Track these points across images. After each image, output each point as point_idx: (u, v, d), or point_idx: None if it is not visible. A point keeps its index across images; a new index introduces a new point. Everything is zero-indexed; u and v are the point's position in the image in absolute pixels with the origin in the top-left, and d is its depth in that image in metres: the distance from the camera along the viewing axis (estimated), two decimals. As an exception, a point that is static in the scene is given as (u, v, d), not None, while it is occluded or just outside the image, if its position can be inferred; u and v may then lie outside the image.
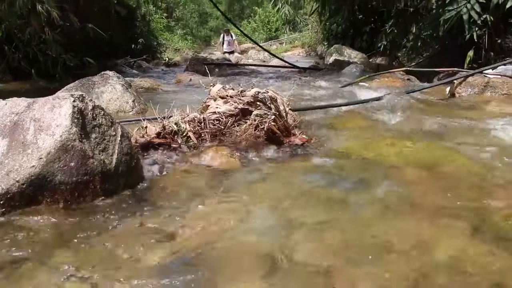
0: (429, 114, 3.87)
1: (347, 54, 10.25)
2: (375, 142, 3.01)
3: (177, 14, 31.02)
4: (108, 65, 9.61)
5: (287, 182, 2.29)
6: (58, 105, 2.05)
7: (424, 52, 9.05)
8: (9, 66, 7.75)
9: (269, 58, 13.85)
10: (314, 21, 18.19)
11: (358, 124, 3.67)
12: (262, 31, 34.76)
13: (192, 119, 2.82)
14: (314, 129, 3.35)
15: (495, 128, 3.31)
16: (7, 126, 2.04)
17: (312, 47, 20.18)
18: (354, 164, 2.58)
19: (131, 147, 2.26)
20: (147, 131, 2.74)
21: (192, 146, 2.73)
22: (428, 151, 2.78)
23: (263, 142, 2.77)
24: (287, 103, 3.11)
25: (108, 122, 2.16)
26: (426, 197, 2.04)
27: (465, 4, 6.22)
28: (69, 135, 1.95)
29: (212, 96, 3.01)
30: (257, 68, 10.27)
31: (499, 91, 4.84)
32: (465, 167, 2.47)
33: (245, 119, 2.83)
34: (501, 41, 6.54)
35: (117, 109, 4.41)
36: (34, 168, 1.89)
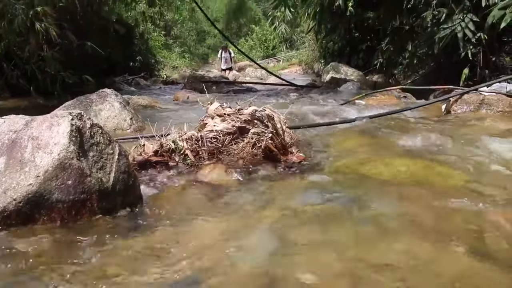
0: (425, 132, 3.89)
1: (343, 72, 10.32)
2: (372, 160, 3.02)
3: (175, 32, 31.23)
4: (106, 82, 9.68)
5: (284, 200, 2.29)
6: (56, 123, 2.05)
7: (420, 69, 9.13)
8: (8, 83, 7.79)
9: (266, 76, 13.93)
10: (311, 39, 18.38)
11: (355, 141, 3.69)
12: (260, 49, 35.07)
13: (190, 137, 2.83)
14: (311, 147, 3.37)
15: (492, 145, 3.33)
16: (5, 144, 2.05)
17: (309, 64, 20.36)
18: (351, 181, 2.59)
19: (129, 165, 2.26)
20: (144, 149, 2.75)
21: (189, 164, 2.73)
22: (425, 168, 2.79)
23: (260, 160, 2.78)
24: (284, 121, 3.13)
25: (106, 140, 2.16)
26: (423, 215, 2.05)
27: (459, 23, 6.31)
28: (67, 153, 1.95)
29: (210, 114, 3.02)
30: (254, 86, 10.33)
31: (494, 108, 4.87)
32: (462, 184, 2.48)
33: (242, 137, 2.84)
34: (496, 59, 6.62)
35: (115, 126, 4.42)
36: (31, 186, 1.89)
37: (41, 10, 5.99)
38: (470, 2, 6.31)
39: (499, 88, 5.23)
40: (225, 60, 16.68)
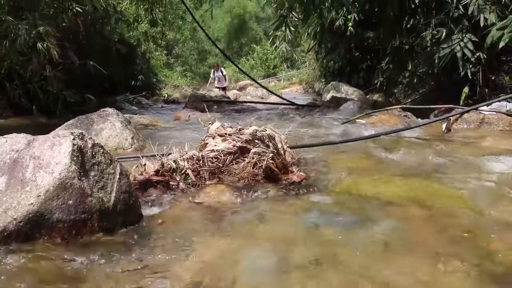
0: (426, 151, 3.89)
1: (344, 91, 10.36)
2: (372, 179, 3.02)
3: (176, 52, 31.52)
4: (108, 101, 9.74)
5: (285, 220, 2.29)
6: (58, 143, 2.06)
7: (420, 88, 9.16)
8: (10, 102, 7.83)
9: (267, 95, 14.01)
10: (311, 58, 18.51)
11: (355, 161, 3.69)
12: (261, 68, 35.33)
13: (191, 157, 2.84)
14: (311, 166, 3.37)
15: (492, 164, 3.33)
16: (6, 164, 2.06)
17: (309, 84, 20.46)
18: (351, 201, 2.58)
19: (130, 185, 2.26)
20: (145, 169, 2.75)
21: (190, 184, 2.73)
22: (426, 188, 2.78)
23: (261, 180, 2.78)
24: (285, 140, 3.14)
25: (107, 160, 2.17)
26: (425, 235, 2.04)
27: (458, 43, 6.35)
28: (68, 173, 1.96)
29: (211, 134, 3.03)
30: (255, 105, 10.37)
31: (494, 127, 4.89)
32: (464, 204, 2.47)
33: (243, 157, 2.85)
34: (495, 78, 6.66)
35: (116, 146, 4.43)
36: (32, 205, 1.89)
37: (43, 30, 6.05)
38: (469, 22, 6.37)
39: (499, 107, 5.26)
40: (218, 79, 16.51)
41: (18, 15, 6.27)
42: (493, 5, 6.02)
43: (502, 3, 6.00)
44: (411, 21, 8.47)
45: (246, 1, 47.76)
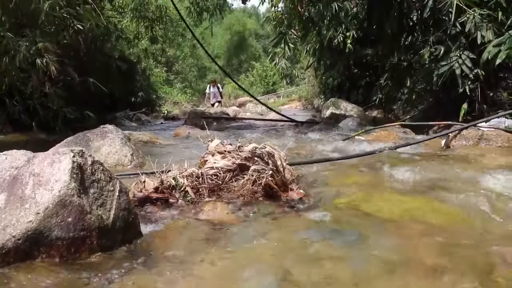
0: (425, 167, 3.89)
1: (343, 108, 10.41)
2: (372, 196, 3.02)
3: (176, 68, 31.73)
4: (108, 118, 9.77)
5: (284, 238, 2.28)
6: (58, 160, 2.07)
7: (419, 105, 9.22)
8: (10, 118, 7.86)
9: (266, 112, 14.04)
10: (310, 75, 18.63)
11: (355, 177, 3.69)
12: (260, 84, 35.49)
13: (190, 174, 2.84)
14: (311, 183, 3.37)
15: (491, 181, 3.33)
16: (6, 181, 2.06)
17: (309, 100, 20.54)
18: (351, 218, 2.58)
19: (129, 202, 2.26)
20: (145, 186, 2.75)
21: (190, 201, 2.73)
22: (425, 205, 2.78)
23: (260, 197, 2.78)
24: (284, 157, 3.14)
25: (106, 177, 2.17)
26: (425, 253, 2.03)
27: (456, 60, 6.41)
28: (68, 190, 1.96)
29: (210, 151, 3.04)
30: (254, 122, 10.39)
31: (493, 144, 4.90)
32: (463, 220, 2.47)
33: (242, 174, 2.85)
34: (493, 94, 6.70)
35: (116, 162, 4.43)
36: (31, 223, 1.88)
37: (42, 46, 6.10)
38: (466, 40, 6.44)
39: (498, 124, 5.28)
40: (214, 94, 16.92)
41: (19, 32, 6.33)
42: (490, 23, 6.10)
43: (499, 21, 6.07)
44: (409, 39, 8.56)
45: (245, 19, 48.29)
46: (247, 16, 51.89)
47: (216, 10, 10.12)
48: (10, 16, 6.36)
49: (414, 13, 7.87)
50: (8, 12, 6.19)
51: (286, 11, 9.05)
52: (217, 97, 16.96)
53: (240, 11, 48.67)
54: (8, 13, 6.23)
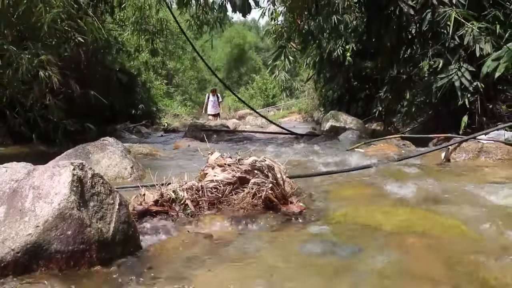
0: (425, 180, 3.89)
1: (343, 120, 10.43)
2: (372, 209, 3.02)
3: (176, 81, 31.85)
4: (108, 130, 9.79)
5: (284, 251, 2.27)
6: (58, 173, 2.07)
7: (419, 117, 9.24)
8: (10, 130, 7.87)
9: (266, 124, 14.06)
10: (310, 88, 18.69)
11: (355, 190, 3.69)
12: (260, 97, 35.60)
13: (190, 187, 2.84)
14: (311, 196, 3.37)
15: (491, 194, 3.33)
16: (5, 193, 2.06)
17: (308, 113, 20.59)
18: (351, 231, 2.57)
19: (129, 215, 2.26)
20: (144, 199, 2.75)
21: (189, 214, 2.72)
22: (425, 218, 2.77)
23: (260, 210, 2.78)
24: (284, 170, 3.14)
25: (106, 190, 2.17)
26: (424, 265, 2.02)
27: (456, 72, 6.45)
28: (67, 203, 1.96)
29: (210, 164, 3.04)
30: (254, 134, 10.40)
31: (493, 156, 4.90)
32: (463, 233, 2.46)
33: (242, 187, 2.85)
34: (493, 107, 6.72)
35: (116, 175, 4.43)
36: (30, 236, 1.88)
37: (45, 58, 6.13)
38: (465, 52, 6.47)
39: (497, 136, 5.29)
40: (213, 104, 16.37)
41: (21, 45, 6.36)
42: (488, 36, 6.14)
43: (497, 34, 6.12)
44: (408, 51, 8.61)
45: (245, 32, 48.60)
46: (247, 29, 52.27)
47: (216, 23, 10.19)
48: (12, 29, 6.41)
49: (413, 26, 7.91)
50: (10, 25, 6.24)
51: (285, 25, 9.11)
52: (216, 107, 16.52)
53: (240, 24, 49.07)
54: (11, 26, 6.27)
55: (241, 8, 8.66)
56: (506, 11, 6.37)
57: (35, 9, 5.56)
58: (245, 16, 9.35)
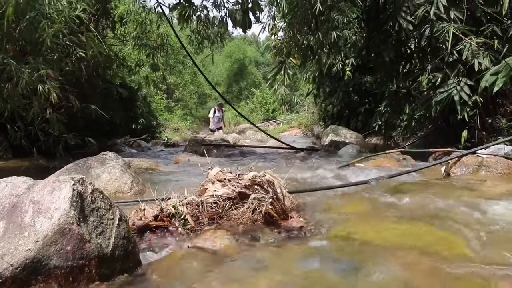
0: (426, 195, 3.88)
1: (343, 135, 10.44)
2: (371, 224, 3.01)
3: (177, 95, 31.94)
4: (108, 144, 9.80)
5: (284, 267, 2.26)
6: (58, 188, 2.07)
7: (419, 131, 9.25)
8: (11, 144, 7.88)
9: (266, 138, 14.05)
10: (310, 102, 18.75)
11: (355, 205, 3.68)
12: (260, 111, 35.68)
13: (190, 202, 2.84)
14: (311, 211, 3.35)
15: (492, 208, 3.32)
16: (5, 208, 2.06)
17: (308, 127, 20.60)
18: (351, 247, 2.56)
19: (129, 231, 2.25)
20: (144, 214, 2.74)
21: (189, 229, 2.72)
22: (425, 233, 2.77)
23: (260, 225, 2.77)
24: (284, 185, 3.14)
25: (106, 205, 2.17)
26: (425, 283, 2.01)
27: (455, 87, 6.47)
28: (67, 218, 1.96)
29: (210, 179, 3.04)
30: (254, 149, 10.40)
31: (493, 171, 4.89)
32: (463, 249, 2.45)
33: (242, 202, 2.85)
34: (492, 121, 6.73)
35: (116, 189, 4.42)
36: (29, 251, 1.87)
37: (45, 73, 6.16)
38: (464, 67, 6.51)
39: (497, 150, 5.29)
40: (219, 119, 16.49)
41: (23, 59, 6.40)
42: (486, 51, 6.18)
43: (495, 49, 6.16)
44: (408, 66, 8.66)
45: (245, 46, 48.87)
46: (247, 44, 52.59)
47: (217, 38, 10.25)
48: (14, 44, 6.45)
49: (412, 41, 7.97)
50: (12, 40, 6.28)
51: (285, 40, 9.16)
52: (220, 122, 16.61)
53: (240, 39, 49.41)
54: (13, 41, 6.32)
55: (241, 24, 8.73)
56: (504, 26, 6.42)
57: (38, 25, 5.60)
58: (245, 31, 9.42)
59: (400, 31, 7.32)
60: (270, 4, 7.99)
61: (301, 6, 7.45)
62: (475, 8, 6.45)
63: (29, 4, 5.46)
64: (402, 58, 8.58)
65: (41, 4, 5.54)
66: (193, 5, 8.94)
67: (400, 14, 7.12)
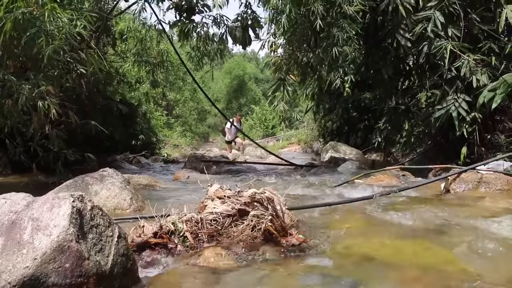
0: (425, 212, 3.87)
1: (342, 151, 10.45)
2: (371, 241, 3.00)
3: (176, 112, 32.02)
4: (108, 160, 9.79)
5: (284, 284, 2.25)
6: (58, 205, 2.07)
7: (418, 147, 9.27)
8: (10, 159, 7.88)
9: (266, 155, 14.05)
10: (309, 118, 18.77)
11: (355, 222, 3.67)
12: (259, 128, 35.77)
13: (189, 219, 2.82)
14: (310, 228, 3.34)
15: (492, 225, 3.31)
16: (4, 225, 2.05)
17: (308, 143, 20.62)
18: (351, 264, 2.55)
19: (128, 248, 2.24)
20: (144, 231, 2.73)
21: (189, 246, 2.70)
22: (425, 250, 2.76)
23: (260, 243, 2.75)
24: (283, 202, 3.13)
25: (105, 222, 2.17)
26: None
27: (453, 103, 6.50)
28: (66, 236, 1.95)
29: (210, 196, 3.03)
30: (254, 165, 10.39)
31: (493, 187, 4.88)
32: (463, 267, 2.44)
33: (242, 219, 2.83)
34: (491, 137, 6.75)
35: (115, 206, 4.41)
36: (27, 269, 1.86)
37: (45, 89, 6.19)
38: (462, 83, 6.55)
39: (496, 166, 5.29)
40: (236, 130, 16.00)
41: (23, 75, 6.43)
42: (484, 67, 6.23)
43: (492, 65, 6.21)
44: (406, 83, 8.71)
45: (245, 63, 49.18)
46: (247, 60, 52.90)
47: (216, 55, 10.33)
48: (15, 60, 6.49)
49: (410, 58, 8.04)
50: (13, 56, 6.32)
51: (285, 57, 9.24)
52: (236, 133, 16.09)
53: (240, 55, 49.66)
54: (13, 57, 6.36)
55: (241, 41, 8.82)
56: (501, 43, 6.48)
57: (38, 41, 5.64)
58: (245, 48, 9.50)
59: (398, 48, 7.39)
60: (270, 21, 8.07)
61: (300, 24, 7.52)
62: (472, 25, 6.53)
63: (30, 21, 5.50)
64: (401, 74, 8.64)
65: (42, 21, 5.58)
66: (194, 22, 9.01)
67: (398, 31, 7.20)
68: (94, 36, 8.96)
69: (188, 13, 8.86)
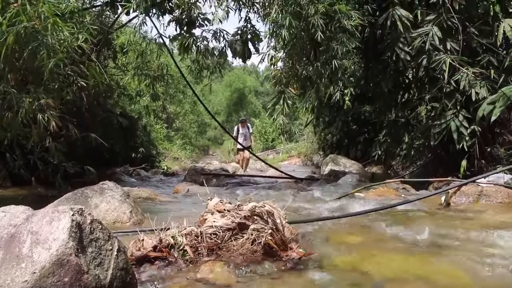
0: (426, 225, 3.85)
1: (342, 164, 10.44)
2: (371, 255, 2.99)
3: (177, 124, 32.03)
4: (107, 173, 9.77)
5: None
6: (57, 218, 2.06)
7: (418, 160, 9.27)
8: (10, 172, 7.88)
9: (266, 168, 14.01)
10: (309, 131, 18.80)
11: (355, 236, 3.66)
12: (259, 141, 35.74)
13: (189, 232, 2.81)
14: (311, 242, 3.33)
15: (492, 239, 3.30)
16: (3, 239, 2.04)
17: (308, 156, 20.61)
18: (351, 278, 2.53)
19: (127, 262, 2.23)
20: (143, 244, 2.72)
21: (188, 260, 2.69)
22: (426, 264, 2.74)
23: (260, 257, 2.74)
24: (283, 216, 3.12)
25: (105, 236, 2.16)
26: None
27: (452, 117, 6.53)
28: (66, 249, 1.94)
29: (210, 209, 3.03)
30: (254, 178, 10.38)
31: (493, 200, 4.88)
32: (464, 281, 2.43)
33: (242, 233, 2.82)
34: (491, 150, 6.76)
35: (114, 219, 4.39)
36: (26, 283, 1.85)
37: (45, 102, 6.21)
38: (461, 96, 6.57)
39: (497, 179, 5.29)
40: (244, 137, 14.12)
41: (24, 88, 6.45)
42: (483, 80, 6.26)
43: (491, 79, 6.24)
44: (406, 96, 8.74)
45: (245, 76, 49.33)
46: (247, 73, 53.07)
47: (216, 68, 10.38)
48: (16, 73, 6.51)
49: (410, 71, 8.07)
50: (14, 70, 6.34)
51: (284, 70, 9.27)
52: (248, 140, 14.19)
53: (240, 69, 49.85)
54: (14, 70, 6.38)
55: (241, 54, 8.86)
56: (499, 56, 6.52)
57: (40, 54, 5.67)
58: (245, 61, 9.55)
59: (397, 62, 7.42)
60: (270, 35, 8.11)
61: (300, 38, 7.56)
62: (471, 39, 6.57)
63: (32, 35, 5.53)
64: (401, 87, 8.67)
65: (43, 35, 5.61)
66: (194, 35, 9.07)
67: (397, 44, 7.24)
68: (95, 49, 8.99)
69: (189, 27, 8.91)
